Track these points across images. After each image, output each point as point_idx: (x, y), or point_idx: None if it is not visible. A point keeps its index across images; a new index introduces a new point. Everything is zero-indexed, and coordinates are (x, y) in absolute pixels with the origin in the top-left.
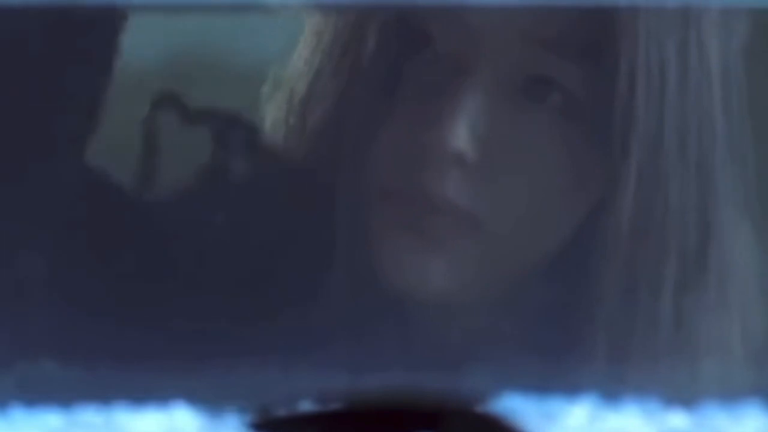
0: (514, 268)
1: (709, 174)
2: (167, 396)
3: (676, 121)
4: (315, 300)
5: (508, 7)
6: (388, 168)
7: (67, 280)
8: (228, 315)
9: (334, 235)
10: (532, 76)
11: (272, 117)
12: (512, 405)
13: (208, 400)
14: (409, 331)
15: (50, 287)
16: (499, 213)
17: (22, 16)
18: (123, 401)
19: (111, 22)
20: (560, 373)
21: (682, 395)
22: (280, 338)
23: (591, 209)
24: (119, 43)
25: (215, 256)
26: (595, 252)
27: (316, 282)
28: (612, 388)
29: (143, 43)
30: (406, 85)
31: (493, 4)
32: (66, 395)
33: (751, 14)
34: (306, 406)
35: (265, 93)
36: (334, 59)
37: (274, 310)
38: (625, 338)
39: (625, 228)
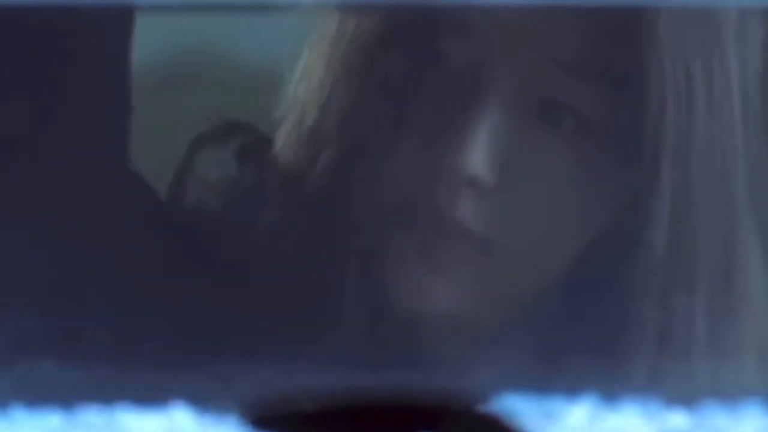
0: (524, 288)
1: (730, 190)
2: (167, 396)
3: (699, 139)
4: (317, 303)
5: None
6: (402, 189)
7: (67, 279)
8: (228, 315)
9: (345, 250)
10: (547, 99)
11: (284, 135)
12: (512, 405)
13: (208, 400)
14: (411, 334)
15: (50, 287)
16: (511, 237)
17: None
18: (123, 401)
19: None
20: (560, 373)
21: (682, 395)
22: (281, 338)
23: (604, 227)
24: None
25: (221, 260)
26: (599, 258)
27: (320, 288)
28: (612, 388)
29: (144, 43)
30: (421, 106)
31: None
32: (66, 395)
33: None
34: (306, 406)
35: (276, 112)
36: (348, 82)
37: (275, 311)
38: (626, 338)
39: (638, 240)
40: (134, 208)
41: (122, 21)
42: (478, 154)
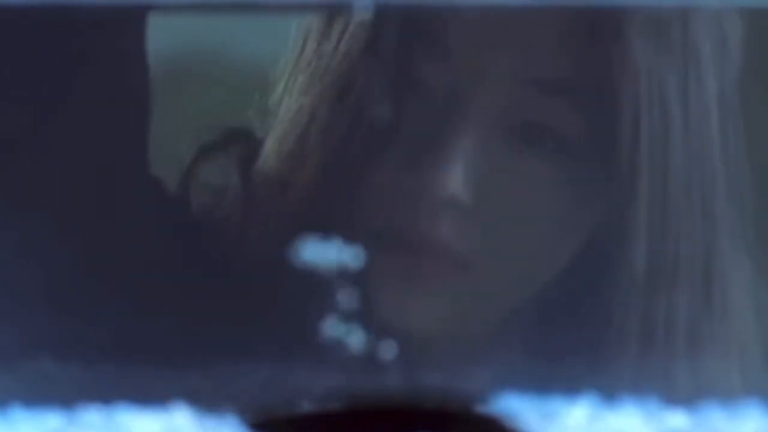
0: (506, 303)
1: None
2: (167, 396)
3: (677, 149)
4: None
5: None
6: (383, 210)
7: (67, 280)
8: (228, 315)
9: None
10: (524, 119)
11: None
12: (511, 405)
13: (207, 400)
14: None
15: (50, 287)
16: (493, 255)
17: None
18: (123, 401)
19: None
20: (559, 374)
21: (682, 396)
22: (280, 338)
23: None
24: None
25: (221, 262)
26: (596, 261)
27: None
28: (611, 389)
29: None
30: (399, 126)
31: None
32: (66, 395)
33: (744, 41)
34: (306, 406)
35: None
36: (327, 102)
37: (274, 311)
38: (625, 339)
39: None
40: (136, 209)
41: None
42: (456, 175)
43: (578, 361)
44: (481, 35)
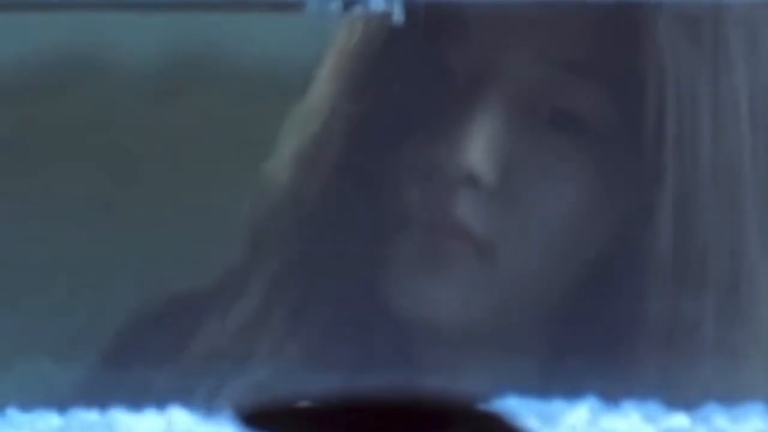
0: (527, 295)
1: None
2: (164, 397)
3: (705, 142)
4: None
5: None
6: (402, 188)
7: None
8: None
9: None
10: (552, 103)
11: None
12: (512, 407)
13: (205, 401)
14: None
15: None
16: (514, 242)
17: None
18: (120, 402)
19: None
20: (560, 375)
21: (684, 398)
22: (279, 338)
23: (611, 234)
24: None
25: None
26: (603, 261)
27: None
28: (612, 391)
29: (143, 42)
30: (422, 106)
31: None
32: (64, 396)
33: None
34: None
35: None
36: (350, 83)
37: (273, 311)
38: (627, 341)
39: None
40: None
41: None
42: (477, 151)
43: (579, 362)
44: (508, 17)
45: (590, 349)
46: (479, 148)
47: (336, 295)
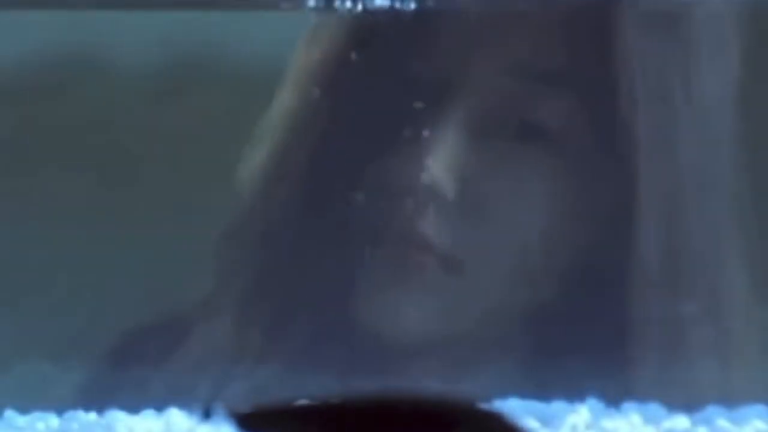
0: (499, 307)
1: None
2: (163, 398)
3: (678, 145)
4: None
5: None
6: (372, 201)
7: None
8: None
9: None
10: (518, 116)
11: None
12: (513, 409)
13: (204, 402)
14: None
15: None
16: (482, 254)
17: None
18: (118, 403)
19: None
20: (561, 378)
21: (684, 400)
22: (278, 339)
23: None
24: None
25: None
26: (596, 263)
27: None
28: (613, 393)
29: (143, 42)
30: (386, 117)
31: None
32: (62, 398)
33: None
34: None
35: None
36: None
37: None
38: (627, 342)
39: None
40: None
41: None
42: (437, 162)
43: (579, 365)
44: (471, 30)
45: (591, 351)
46: (441, 160)
47: (306, 309)
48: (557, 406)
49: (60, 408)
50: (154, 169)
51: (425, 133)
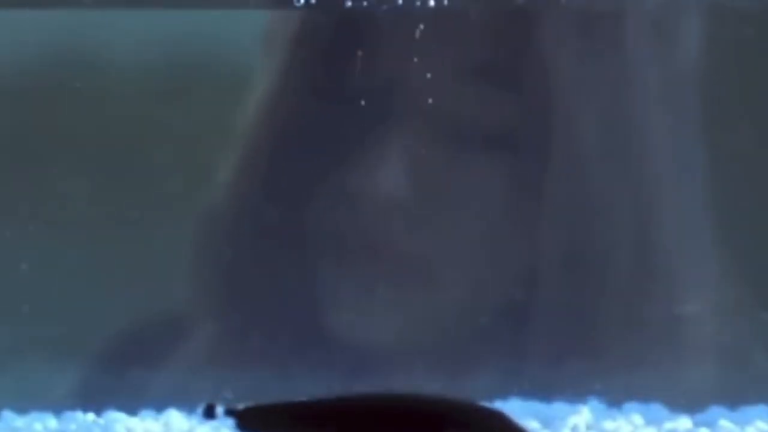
0: (473, 311)
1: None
2: (161, 398)
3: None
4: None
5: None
6: (333, 211)
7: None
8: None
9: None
10: (465, 116)
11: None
12: (514, 410)
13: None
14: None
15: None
16: (445, 256)
17: None
18: (116, 404)
19: None
20: (562, 379)
21: (686, 401)
22: (277, 339)
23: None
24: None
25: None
26: (597, 259)
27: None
28: (615, 394)
29: (143, 42)
30: (344, 129)
31: None
32: (60, 399)
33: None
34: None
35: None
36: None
37: (271, 312)
38: (627, 343)
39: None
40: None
41: None
42: (391, 171)
43: (581, 366)
44: (411, 33)
45: (594, 352)
46: (395, 166)
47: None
48: (558, 406)
49: (58, 408)
50: (154, 168)
51: (383, 137)
